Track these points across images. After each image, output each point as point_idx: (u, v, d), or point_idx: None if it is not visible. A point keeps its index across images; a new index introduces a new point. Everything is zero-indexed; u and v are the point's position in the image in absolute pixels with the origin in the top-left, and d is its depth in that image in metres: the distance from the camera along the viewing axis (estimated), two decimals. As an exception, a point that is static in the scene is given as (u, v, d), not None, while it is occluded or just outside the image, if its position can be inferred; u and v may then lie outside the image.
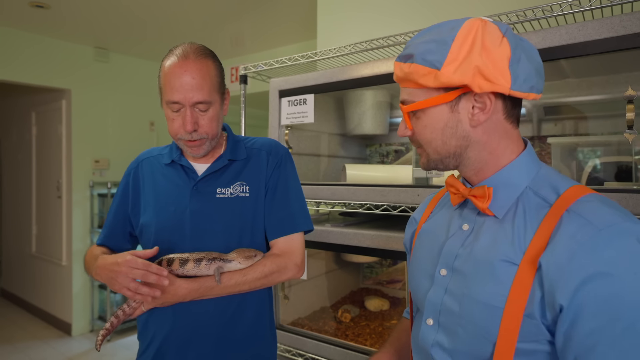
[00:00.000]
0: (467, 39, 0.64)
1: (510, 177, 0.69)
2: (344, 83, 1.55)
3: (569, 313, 0.56)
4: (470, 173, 0.73)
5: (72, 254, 4.07)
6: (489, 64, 0.63)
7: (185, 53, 1.01)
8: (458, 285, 0.69)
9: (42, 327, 4.23)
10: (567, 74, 1.56)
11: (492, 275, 0.64)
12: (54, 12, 3.27)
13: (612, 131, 1.57)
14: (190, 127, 1.01)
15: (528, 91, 0.66)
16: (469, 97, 0.67)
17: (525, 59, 0.65)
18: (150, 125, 4.68)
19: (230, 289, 1.02)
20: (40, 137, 4.47)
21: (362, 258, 1.96)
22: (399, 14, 2.13)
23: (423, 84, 0.67)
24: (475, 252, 0.68)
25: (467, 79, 0.63)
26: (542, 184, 0.67)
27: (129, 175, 1.17)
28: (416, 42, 0.69)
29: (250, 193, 1.11)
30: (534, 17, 1.19)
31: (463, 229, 0.73)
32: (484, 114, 0.67)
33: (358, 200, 1.49)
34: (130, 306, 1.02)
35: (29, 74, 3.79)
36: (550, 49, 1.11)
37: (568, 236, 0.58)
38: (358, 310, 1.89)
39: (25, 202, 4.70)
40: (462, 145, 0.69)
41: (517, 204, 0.67)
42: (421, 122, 0.71)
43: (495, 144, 0.69)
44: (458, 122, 0.68)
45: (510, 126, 0.69)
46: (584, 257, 0.56)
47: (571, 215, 0.60)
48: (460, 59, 0.64)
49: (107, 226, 1.18)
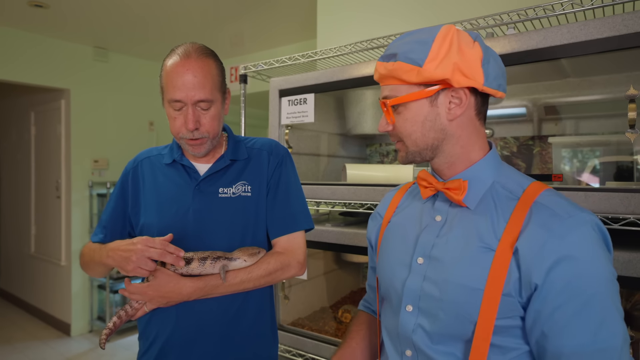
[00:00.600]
0: (445, 39, 0.72)
1: (480, 173, 0.76)
2: (344, 82, 1.54)
3: (542, 291, 0.65)
4: (443, 166, 0.79)
5: (71, 254, 4.06)
6: (466, 62, 0.71)
7: (187, 52, 1.02)
8: (436, 271, 0.75)
9: (41, 328, 4.23)
10: (568, 74, 1.56)
11: (470, 260, 0.71)
12: (53, 11, 3.27)
13: (612, 131, 1.56)
14: (192, 125, 1.01)
15: (497, 88, 0.74)
16: (447, 93, 0.74)
17: (494, 61, 0.74)
18: (150, 125, 4.67)
19: (235, 287, 1.02)
20: (39, 137, 4.46)
21: (362, 258, 1.96)
22: (399, 14, 2.13)
23: (406, 80, 0.74)
24: (451, 241, 0.75)
25: (447, 74, 0.71)
26: (507, 179, 0.76)
27: (128, 174, 1.16)
28: (398, 43, 0.76)
29: (252, 192, 1.11)
30: (535, 16, 1.18)
31: (436, 220, 0.79)
32: (460, 108, 0.74)
33: (359, 200, 1.48)
34: (132, 307, 1.01)
35: (28, 74, 3.79)
36: (551, 48, 1.11)
37: (539, 225, 0.67)
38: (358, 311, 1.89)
39: (24, 202, 4.69)
40: (439, 138, 0.76)
41: (486, 197, 0.75)
42: (402, 116, 0.77)
43: (466, 138, 0.76)
44: (437, 115, 0.75)
45: (479, 123, 0.77)
46: (554, 243, 0.65)
47: (539, 207, 0.69)
48: (440, 57, 0.71)
49: (105, 226, 1.15)
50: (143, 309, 1.02)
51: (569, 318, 0.63)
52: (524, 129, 1.76)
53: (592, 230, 0.66)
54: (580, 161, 1.51)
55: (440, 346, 0.73)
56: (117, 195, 1.16)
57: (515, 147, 1.78)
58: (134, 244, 0.93)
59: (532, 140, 1.74)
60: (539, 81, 1.68)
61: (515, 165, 1.76)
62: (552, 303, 0.64)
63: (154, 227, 1.08)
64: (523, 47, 1.15)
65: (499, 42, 1.19)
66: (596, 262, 0.64)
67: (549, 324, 0.65)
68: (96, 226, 1.17)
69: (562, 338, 0.64)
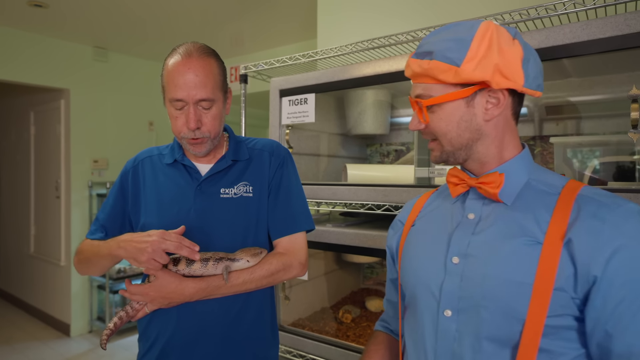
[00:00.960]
0: (484, 38, 0.68)
1: (516, 169, 0.74)
2: (345, 82, 1.54)
3: (602, 283, 0.61)
4: (475, 165, 0.76)
5: (70, 254, 4.05)
6: (506, 63, 0.68)
7: (189, 51, 1.02)
8: (476, 269, 0.70)
9: (40, 328, 4.22)
10: (570, 73, 1.55)
11: (514, 254, 0.67)
12: (52, 11, 3.26)
13: (614, 131, 1.56)
14: (194, 124, 1.01)
15: (536, 89, 0.71)
16: (484, 93, 0.71)
17: (533, 60, 0.71)
18: (150, 125, 4.66)
19: (238, 288, 1.02)
20: (38, 137, 4.45)
21: (362, 258, 1.95)
22: (399, 14, 2.12)
23: (442, 80, 0.71)
24: (490, 237, 0.71)
25: (487, 75, 0.68)
26: (542, 176, 0.74)
27: (128, 173, 1.15)
28: (434, 39, 0.73)
29: (253, 193, 1.11)
30: (537, 16, 1.18)
31: (469, 218, 0.75)
32: (498, 109, 0.71)
33: (360, 200, 1.48)
34: (133, 308, 1.01)
35: (28, 74, 3.78)
36: (554, 47, 1.11)
37: (591, 215, 0.64)
38: (359, 311, 1.89)
39: (24, 202, 4.67)
40: (474, 138, 0.74)
41: (523, 193, 0.72)
42: (437, 116, 0.74)
43: (501, 138, 0.74)
44: (473, 115, 0.72)
45: (514, 123, 0.75)
46: (611, 232, 0.62)
47: (585, 199, 0.67)
48: (479, 57, 0.68)
49: (103, 225, 1.13)
50: (144, 310, 1.01)
51: (635, 313, 0.59)
52: (524, 129, 1.76)
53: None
54: (581, 161, 1.51)
55: (484, 355, 0.67)
56: (117, 194, 1.15)
57: (516, 147, 1.77)
58: (150, 236, 0.93)
59: (533, 140, 1.74)
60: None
61: (516, 165, 1.75)
62: (615, 297, 0.60)
63: (155, 227, 1.07)
64: (525, 47, 1.14)
65: (501, 41, 1.19)
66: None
67: (612, 322, 0.60)
68: (92, 224, 1.16)
69: (630, 336, 0.59)
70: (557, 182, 0.72)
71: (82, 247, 1.12)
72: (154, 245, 0.91)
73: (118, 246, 0.97)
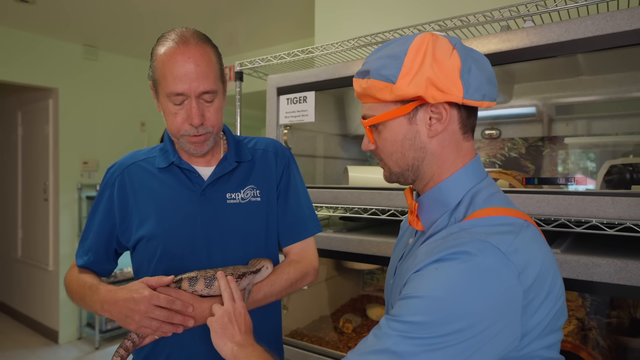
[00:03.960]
0: (419, 52, 0.66)
1: (441, 193, 0.71)
2: (347, 80, 1.45)
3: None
4: (421, 185, 0.75)
5: (59, 258, 3.95)
6: (441, 75, 0.65)
7: (185, 38, 0.90)
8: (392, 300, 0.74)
9: (27, 335, 4.11)
10: (581, 71, 1.48)
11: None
12: (39, 7, 3.16)
13: (627, 131, 1.49)
14: (198, 120, 0.90)
15: (481, 99, 0.68)
16: (426, 109, 0.69)
17: (476, 69, 0.67)
18: (141, 125, 4.57)
19: (259, 303, 0.95)
20: (26, 138, 4.36)
21: (363, 265, 1.87)
22: (398, 11, 2.06)
23: (380, 98, 0.69)
24: (403, 268, 0.72)
25: (420, 90, 0.65)
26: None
27: (113, 185, 1.02)
28: (372, 58, 0.72)
29: (261, 197, 1.03)
30: (555, 8, 1.10)
31: (409, 243, 0.77)
32: (441, 124, 0.69)
33: (363, 204, 1.39)
34: (140, 335, 0.89)
35: (15, 72, 3.68)
36: (574, 41, 1.03)
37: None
38: (360, 320, 1.80)
39: (11, 204, 4.57)
40: (419, 157, 0.71)
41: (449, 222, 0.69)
42: (382, 136, 0.72)
43: (445, 156, 0.71)
44: (416, 133, 0.70)
45: (463, 137, 0.71)
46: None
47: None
48: (413, 72, 0.66)
49: (89, 247, 1.03)
50: (152, 336, 0.90)
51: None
52: (532, 130, 1.69)
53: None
54: (597, 163, 1.44)
55: None
56: (103, 212, 1.02)
57: (524, 149, 1.70)
58: (136, 303, 0.82)
59: (542, 141, 1.67)
60: (549, 79, 1.61)
61: (524, 167, 1.68)
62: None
63: (157, 239, 0.97)
64: (543, 41, 1.07)
65: (516, 35, 1.11)
66: None
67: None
68: (79, 245, 1.06)
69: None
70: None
71: (69, 282, 1.01)
72: (139, 316, 0.82)
73: (102, 307, 0.89)
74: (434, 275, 0.58)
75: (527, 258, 0.59)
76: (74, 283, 0.99)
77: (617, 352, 1.32)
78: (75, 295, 0.99)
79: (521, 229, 0.62)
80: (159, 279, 0.86)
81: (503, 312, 0.56)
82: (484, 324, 0.56)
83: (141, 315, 0.82)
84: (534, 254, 0.61)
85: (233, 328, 0.80)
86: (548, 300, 0.60)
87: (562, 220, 1.07)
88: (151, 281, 0.86)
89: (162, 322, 0.83)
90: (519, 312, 0.57)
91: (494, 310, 0.56)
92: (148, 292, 0.83)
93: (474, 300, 0.56)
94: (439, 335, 0.55)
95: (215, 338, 0.80)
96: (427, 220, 0.72)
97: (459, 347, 0.55)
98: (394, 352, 0.56)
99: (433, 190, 0.72)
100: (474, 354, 0.56)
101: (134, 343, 0.89)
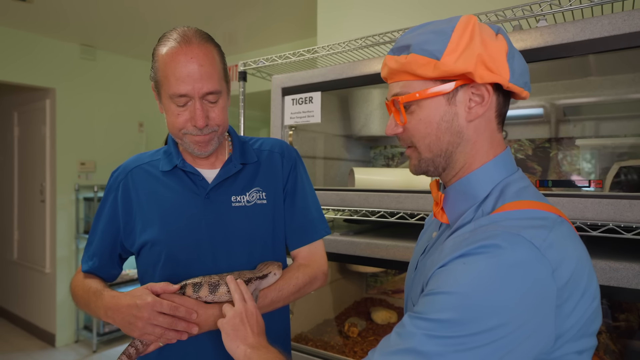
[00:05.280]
0: (466, 29, 0.63)
1: (469, 185, 0.67)
2: (354, 80, 1.43)
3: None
4: (449, 178, 0.71)
5: (56, 260, 3.90)
6: (490, 55, 0.63)
7: (187, 37, 0.88)
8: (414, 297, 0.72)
9: (24, 338, 4.06)
10: (590, 72, 1.47)
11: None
12: (36, 6, 3.12)
13: (636, 133, 1.48)
14: (202, 122, 0.88)
15: (523, 86, 0.66)
16: (467, 90, 0.65)
17: (518, 57, 0.66)
18: (139, 126, 4.53)
19: (265, 309, 0.92)
20: (22, 139, 4.31)
21: (368, 268, 1.85)
22: (402, 12, 2.04)
23: (421, 75, 0.65)
24: (426, 263, 0.68)
25: (470, 67, 0.62)
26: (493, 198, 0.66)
27: (117, 189, 1.00)
28: (411, 34, 0.68)
29: (267, 200, 1.00)
30: (570, 7, 1.08)
31: (432, 237, 0.75)
32: (482, 107, 0.65)
33: (371, 206, 1.37)
34: (143, 343, 0.86)
35: (11, 72, 3.63)
36: (590, 41, 1.01)
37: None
38: (365, 323, 1.78)
39: (7, 206, 4.51)
40: (454, 143, 0.67)
41: (475, 214, 0.65)
42: (415, 116, 0.68)
43: (479, 145, 0.67)
44: (454, 115, 0.66)
45: (497, 127, 0.69)
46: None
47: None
48: (461, 48, 0.63)
49: (94, 252, 1.02)
50: (156, 343, 0.88)
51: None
52: (539, 131, 1.67)
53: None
54: (606, 165, 1.42)
55: None
56: (107, 216, 1.01)
57: (531, 150, 1.68)
58: (139, 309, 0.80)
59: (549, 142, 1.65)
60: (557, 80, 1.59)
61: (531, 169, 1.67)
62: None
63: (161, 244, 0.95)
64: (557, 41, 1.05)
65: (530, 35, 1.09)
66: None
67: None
68: (84, 250, 1.04)
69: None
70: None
71: (75, 283, 1.00)
72: (143, 323, 0.80)
73: (106, 314, 0.87)
74: (462, 269, 0.55)
75: (561, 254, 0.55)
76: (79, 289, 0.97)
77: (628, 357, 1.30)
78: (81, 301, 0.97)
79: (555, 224, 0.58)
80: (164, 285, 0.84)
81: (535, 310, 0.53)
82: (516, 322, 0.52)
83: (144, 322, 0.80)
84: (569, 250, 0.57)
85: (245, 329, 0.77)
86: (583, 301, 0.56)
87: (577, 224, 1.05)
88: (156, 287, 0.83)
89: (165, 329, 0.81)
90: (552, 312, 0.54)
91: (526, 308, 0.52)
92: (151, 299, 0.80)
93: (505, 297, 0.52)
94: (468, 334, 0.52)
95: (227, 340, 0.77)
96: (453, 212, 0.69)
97: (490, 347, 0.52)
98: (420, 352, 0.52)
99: (461, 181, 0.68)
100: (506, 355, 0.52)
101: (138, 350, 0.86)
